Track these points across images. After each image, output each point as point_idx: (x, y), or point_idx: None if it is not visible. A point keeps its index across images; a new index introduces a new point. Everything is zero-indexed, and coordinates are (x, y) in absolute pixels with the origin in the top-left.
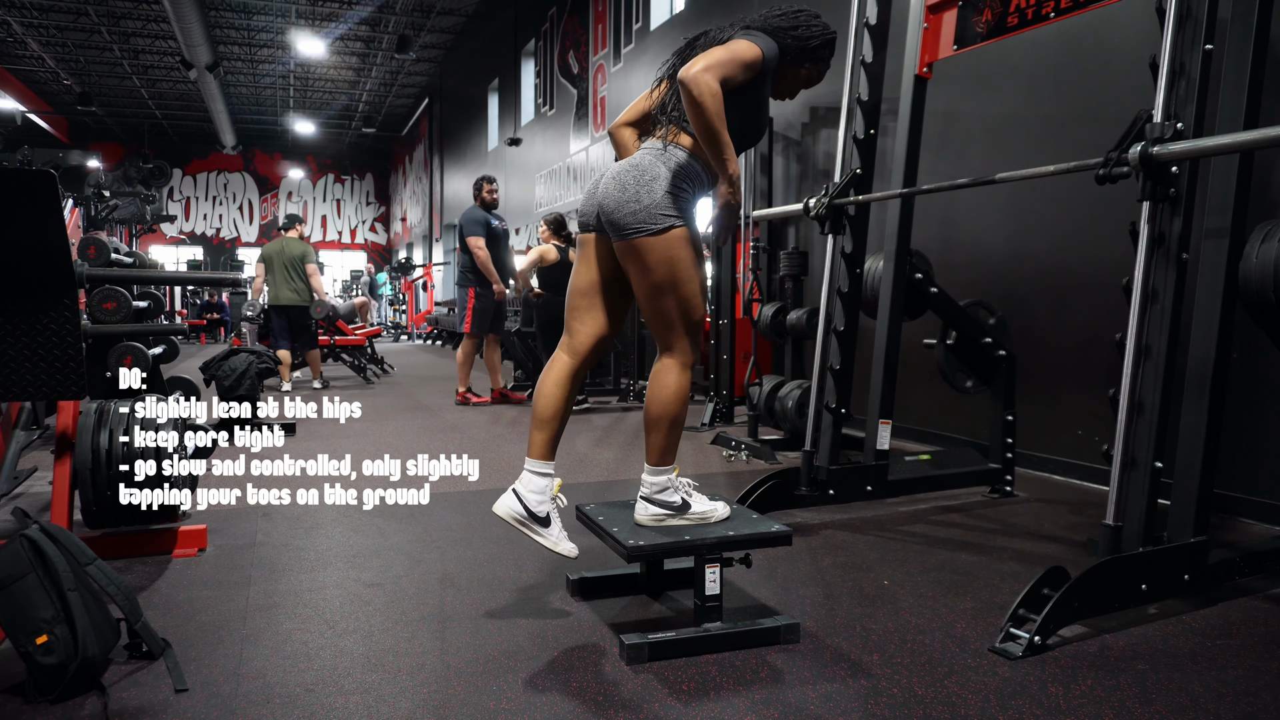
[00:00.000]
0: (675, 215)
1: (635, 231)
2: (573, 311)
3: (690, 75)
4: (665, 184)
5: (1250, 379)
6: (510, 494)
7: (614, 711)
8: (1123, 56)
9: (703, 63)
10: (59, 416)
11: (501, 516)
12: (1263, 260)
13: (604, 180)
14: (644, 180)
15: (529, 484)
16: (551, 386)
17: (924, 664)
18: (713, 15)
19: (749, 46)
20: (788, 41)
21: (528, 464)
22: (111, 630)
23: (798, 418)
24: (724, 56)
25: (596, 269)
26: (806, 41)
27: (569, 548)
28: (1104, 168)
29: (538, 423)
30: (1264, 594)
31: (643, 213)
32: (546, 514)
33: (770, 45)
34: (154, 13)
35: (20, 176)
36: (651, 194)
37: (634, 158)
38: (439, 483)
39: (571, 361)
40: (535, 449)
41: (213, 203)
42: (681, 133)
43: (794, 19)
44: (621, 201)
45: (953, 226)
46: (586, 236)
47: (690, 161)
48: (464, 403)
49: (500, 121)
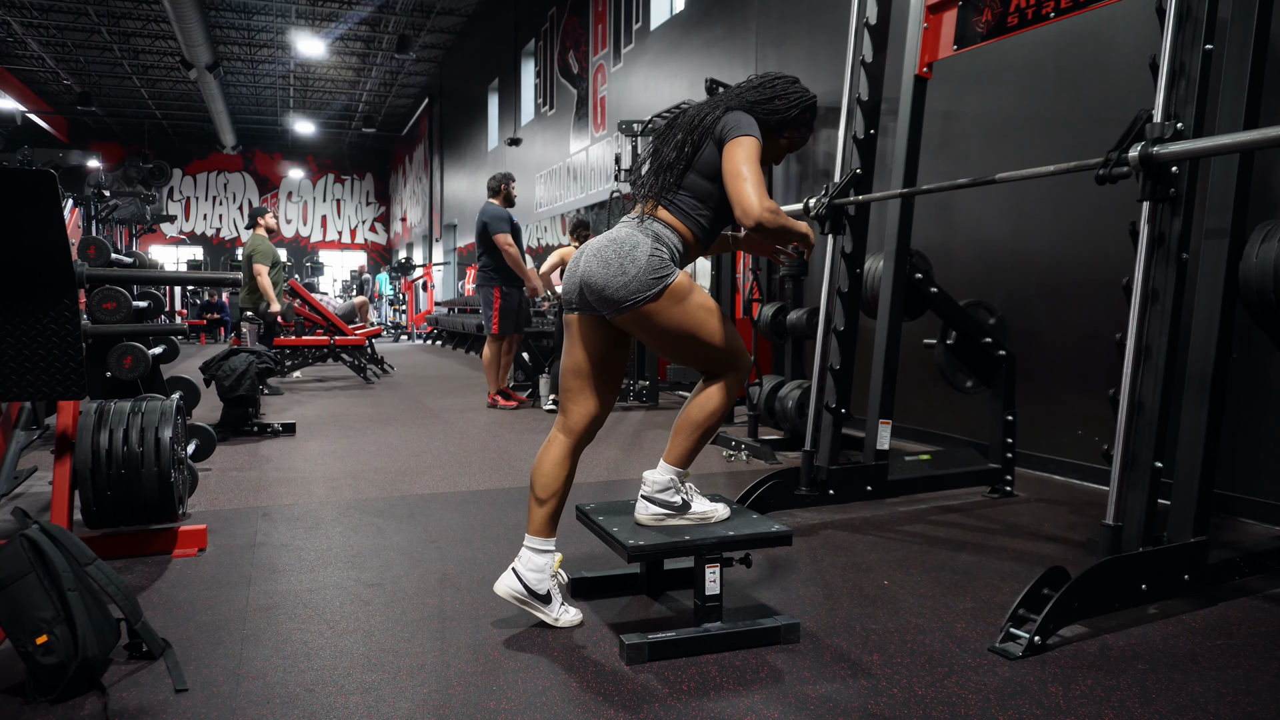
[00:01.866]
0: (665, 274)
1: (634, 302)
2: (566, 393)
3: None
4: (647, 249)
5: (1250, 379)
6: (510, 574)
7: (614, 711)
8: (1123, 56)
9: (753, 197)
10: (59, 416)
11: (502, 596)
12: (1263, 260)
13: (584, 257)
14: (624, 251)
15: (528, 562)
16: (550, 466)
17: (924, 664)
18: (712, 15)
19: (749, 143)
20: (765, 118)
21: (527, 540)
22: (111, 630)
23: (798, 418)
24: (754, 174)
25: (584, 351)
26: (785, 113)
27: (570, 620)
28: (1104, 168)
29: (536, 500)
30: (1264, 594)
31: (633, 283)
32: (547, 591)
33: (754, 124)
34: (154, 13)
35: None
36: (635, 263)
37: (610, 233)
38: (439, 482)
39: (568, 440)
40: (535, 525)
41: (213, 203)
42: (659, 207)
43: (769, 90)
44: (608, 278)
45: (953, 226)
46: (570, 317)
47: (666, 232)
48: (494, 405)
49: (500, 121)
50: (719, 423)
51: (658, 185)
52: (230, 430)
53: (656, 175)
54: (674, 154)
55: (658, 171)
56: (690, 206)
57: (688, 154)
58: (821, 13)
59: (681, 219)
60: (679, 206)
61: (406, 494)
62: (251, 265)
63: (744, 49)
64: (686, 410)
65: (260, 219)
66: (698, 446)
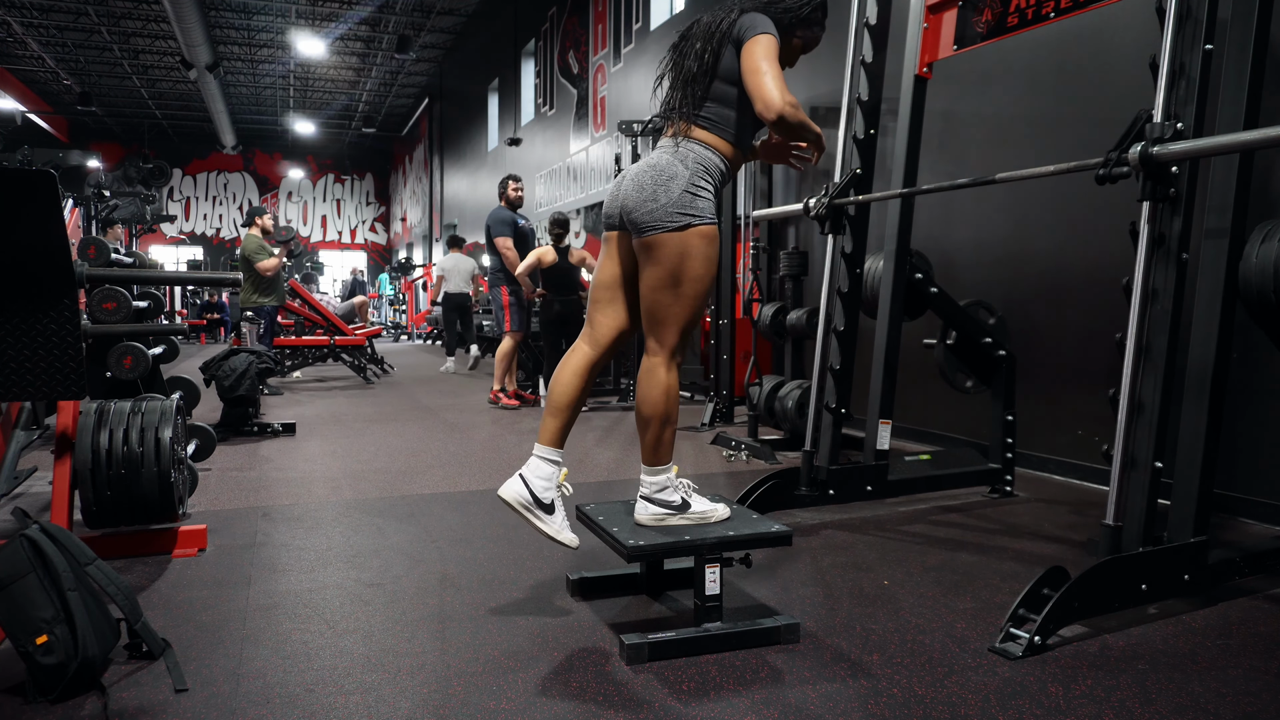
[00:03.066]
0: (693, 214)
1: (653, 228)
2: (595, 304)
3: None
4: (683, 183)
5: (1250, 379)
6: (517, 479)
7: (614, 711)
8: (1123, 56)
9: (774, 91)
10: (59, 416)
11: (506, 500)
12: (1263, 260)
13: (625, 180)
14: (661, 180)
15: (536, 470)
16: (569, 375)
17: (924, 664)
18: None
19: (769, 41)
20: (779, 16)
21: (537, 449)
22: (111, 630)
23: (798, 418)
24: (774, 69)
25: (619, 264)
26: (798, 11)
27: (570, 538)
28: (1104, 168)
29: (552, 409)
30: (1264, 594)
31: (659, 211)
32: (551, 501)
33: (770, 23)
34: (154, 13)
35: (20, 176)
36: (669, 193)
37: (651, 157)
38: (439, 482)
39: (592, 352)
40: (546, 435)
41: (213, 203)
42: (693, 126)
43: None
44: (640, 201)
45: (953, 226)
46: (611, 234)
47: (706, 154)
48: (496, 402)
49: (500, 121)
50: (674, 405)
51: (687, 100)
52: (230, 430)
53: (683, 89)
54: (695, 65)
55: (684, 85)
56: (721, 118)
57: (709, 63)
58: None
59: (717, 133)
60: (711, 119)
61: (406, 494)
62: (253, 266)
63: None
64: (638, 405)
65: (257, 219)
66: (665, 436)
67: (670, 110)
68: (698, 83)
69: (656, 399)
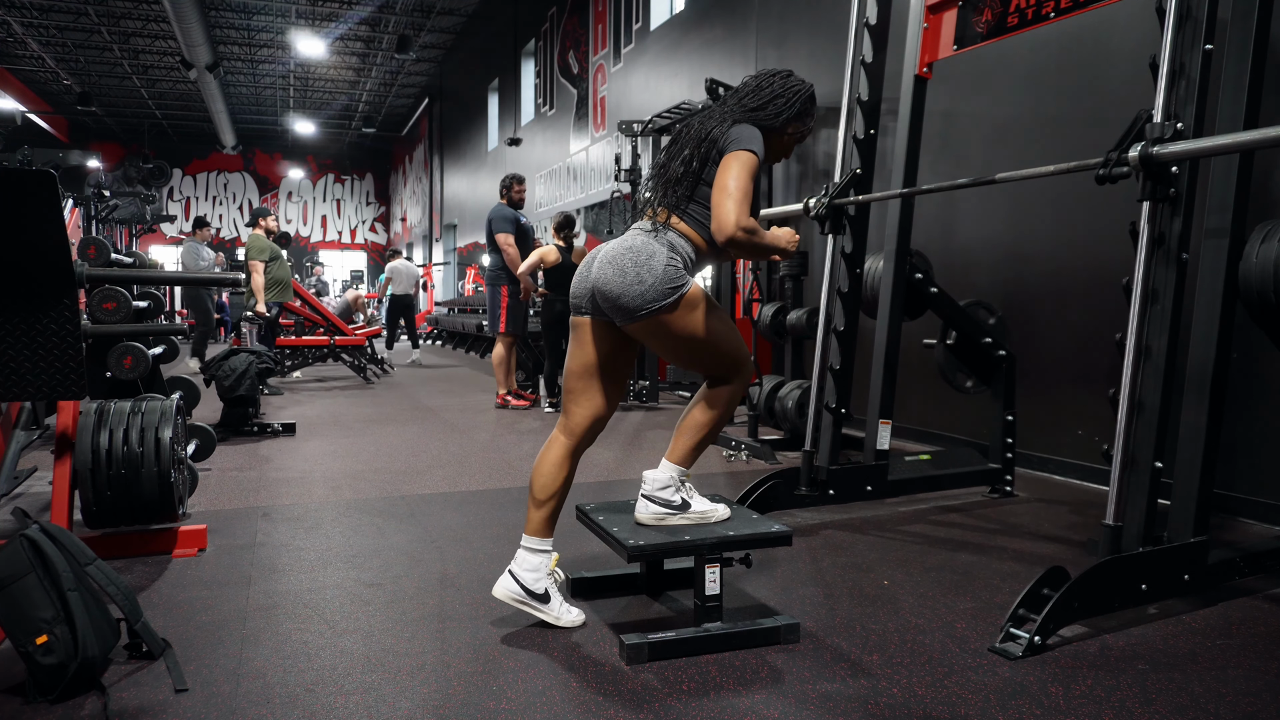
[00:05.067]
0: (679, 284)
1: (649, 311)
2: (569, 394)
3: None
4: (663, 258)
5: (1250, 379)
6: (507, 576)
7: (614, 712)
8: (1123, 56)
9: (732, 214)
10: (59, 416)
11: (500, 599)
12: (1263, 260)
13: (596, 263)
14: (640, 259)
15: (524, 563)
16: (550, 467)
17: (924, 664)
18: (712, 15)
19: (746, 159)
20: (767, 122)
21: (524, 540)
22: (111, 630)
23: (798, 418)
24: (739, 192)
25: (592, 352)
26: (788, 110)
27: (572, 619)
28: (1104, 168)
29: (535, 501)
30: (1264, 594)
31: (650, 292)
32: (544, 590)
33: (758, 140)
34: (154, 13)
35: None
36: (653, 271)
37: (625, 239)
38: (439, 482)
39: (569, 442)
40: (532, 526)
41: (213, 203)
42: (672, 215)
43: (767, 94)
44: (624, 286)
45: (953, 226)
46: (579, 320)
47: (680, 241)
48: (504, 405)
49: (500, 121)
50: (722, 424)
51: (669, 198)
52: (230, 430)
53: (666, 189)
54: (681, 169)
55: (666, 185)
56: (703, 215)
57: (695, 169)
58: (821, 13)
59: (695, 228)
60: (692, 216)
61: (406, 494)
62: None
63: (744, 49)
64: (691, 412)
65: (262, 219)
66: (701, 447)
67: (651, 201)
68: (682, 184)
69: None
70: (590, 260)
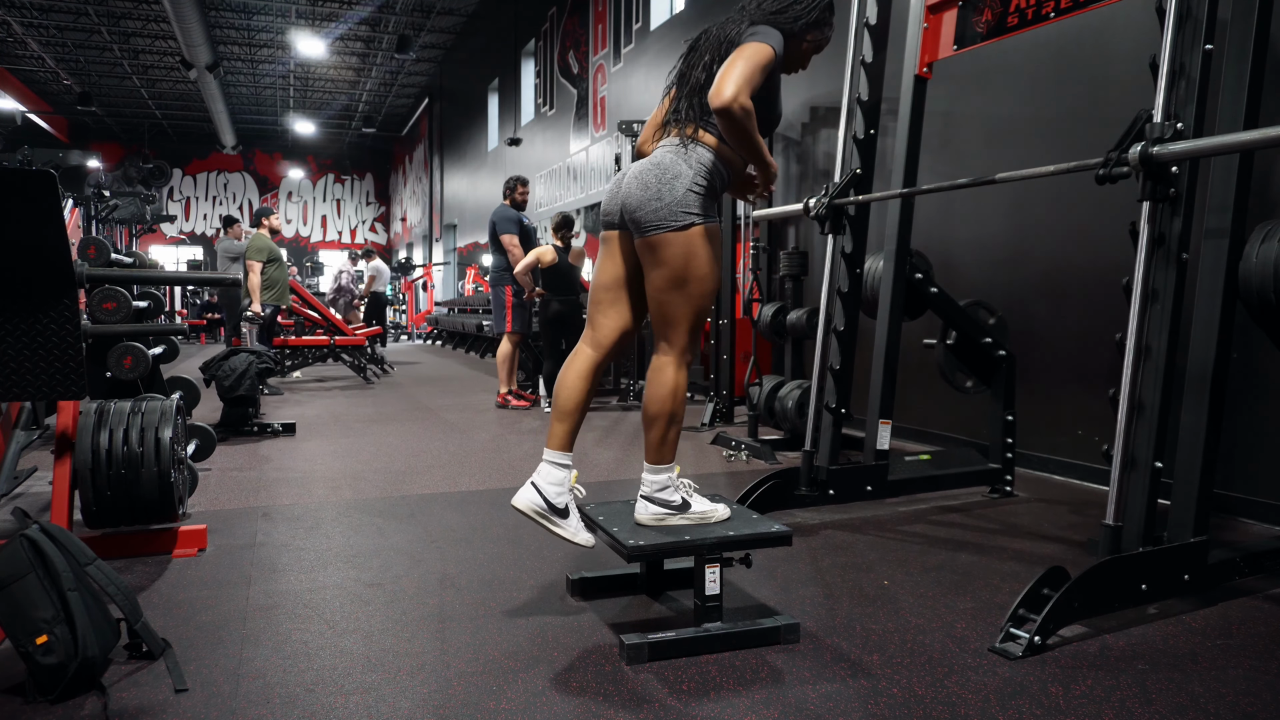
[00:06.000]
0: (697, 213)
1: (656, 228)
2: (596, 305)
3: (725, 101)
4: (687, 181)
5: (1250, 379)
6: (529, 487)
7: (614, 712)
8: (1123, 56)
9: (733, 84)
10: (59, 416)
11: (521, 509)
12: (1263, 260)
13: (626, 179)
14: (665, 178)
15: (547, 476)
16: (574, 379)
17: (924, 664)
18: (712, 15)
19: (761, 49)
20: (787, 25)
21: (546, 455)
22: (111, 630)
23: (798, 418)
24: (747, 70)
25: (621, 264)
26: (807, 16)
27: (586, 538)
28: (1104, 168)
29: (559, 414)
30: (1264, 594)
31: (664, 210)
32: (565, 505)
33: (777, 38)
34: (154, 13)
35: (20, 176)
36: (673, 191)
37: (655, 156)
38: (439, 482)
39: (595, 354)
40: (555, 440)
41: (213, 203)
42: (700, 129)
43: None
44: (644, 200)
45: (953, 226)
46: (610, 233)
47: (711, 158)
48: (504, 405)
49: (500, 121)
50: (681, 406)
51: (693, 108)
52: (230, 430)
53: (689, 99)
54: (704, 75)
55: (690, 95)
56: None
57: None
58: None
59: (721, 139)
60: (716, 126)
61: (406, 494)
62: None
63: None
64: (645, 402)
65: (265, 219)
66: (670, 435)
67: (677, 114)
68: (704, 92)
69: (664, 398)
70: (623, 175)
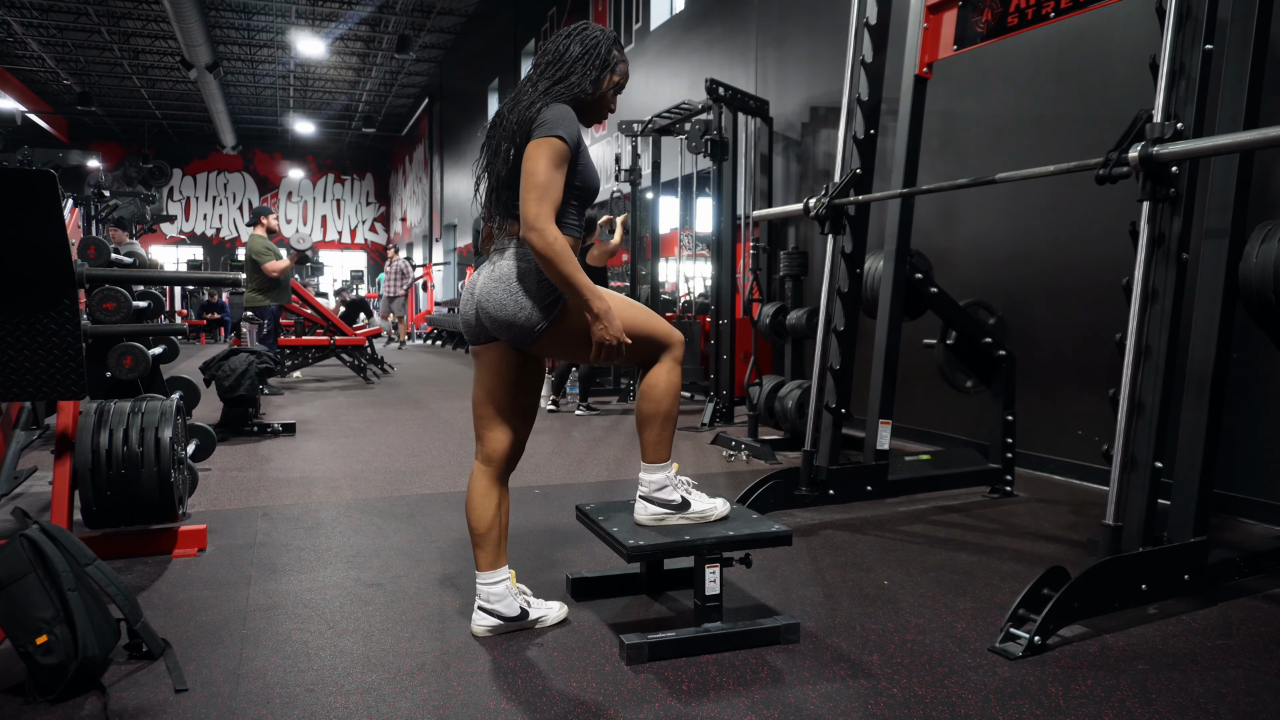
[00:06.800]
0: (555, 295)
1: (538, 332)
2: (480, 420)
3: (530, 236)
4: (533, 278)
5: (1250, 379)
6: (478, 613)
7: (614, 712)
8: (1123, 56)
9: (532, 210)
10: (59, 416)
11: (481, 636)
12: (1263, 260)
13: (477, 299)
14: (511, 290)
15: (489, 595)
16: (479, 499)
17: (924, 664)
18: (712, 15)
19: (550, 147)
20: (576, 88)
21: (479, 577)
22: (111, 630)
23: (798, 418)
24: (541, 184)
25: (496, 378)
26: (591, 70)
27: (557, 615)
28: (1104, 168)
29: (476, 539)
30: (1264, 594)
31: (534, 314)
32: (520, 609)
33: (565, 119)
34: (154, 13)
35: (20, 176)
36: (528, 295)
37: (491, 269)
38: (439, 482)
39: (490, 469)
40: (483, 563)
41: (213, 203)
42: (515, 223)
43: (568, 65)
44: (511, 316)
45: (953, 226)
46: (478, 348)
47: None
48: None
49: None
50: (674, 403)
51: (503, 204)
52: (230, 430)
53: (499, 193)
54: (504, 168)
55: (498, 190)
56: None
57: (515, 163)
58: (821, 13)
59: None
60: None
61: (406, 494)
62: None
63: (744, 49)
64: (639, 401)
65: (263, 218)
66: (665, 433)
67: (489, 216)
68: (512, 186)
69: (659, 397)
70: (470, 293)
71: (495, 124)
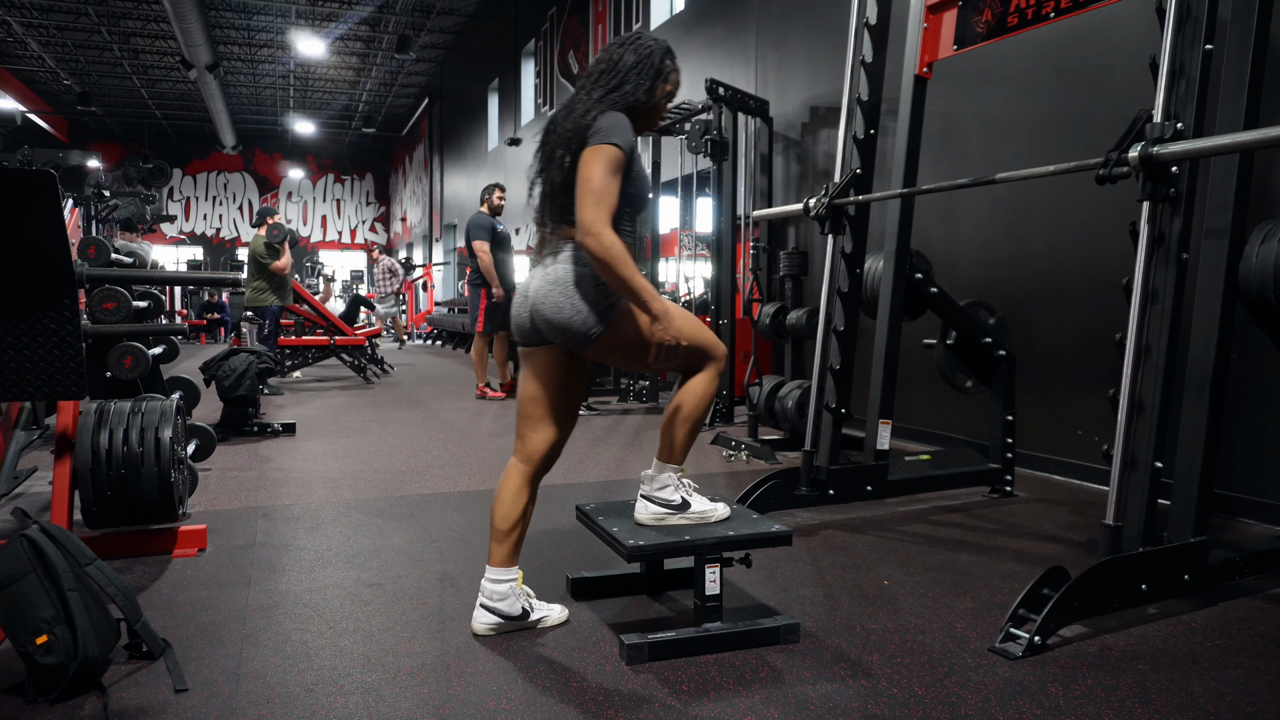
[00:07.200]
0: (611, 300)
1: (593, 337)
2: (524, 419)
3: (586, 240)
4: (589, 283)
5: (1250, 379)
6: (480, 610)
7: (614, 712)
8: (1123, 56)
9: (588, 214)
10: (59, 416)
11: (482, 634)
12: (1263, 260)
13: (531, 302)
14: (568, 293)
15: (492, 593)
16: (510, 495)
17: (924, 664)
18: (712, 15)
19: (606, 154)
20: (630, 97)
21: (489, 572)
22: (111, 630)
23: (798, 418)
24: (597, 189)
25: (542, 380)
26: (645, 79)
27: (558, 617)
28: (1104, 168)
29: (498, 534)
30: (1264, 594)
31: (589, 318)
32: (522, 609)
33: (620, 126)
34: (154, 13)
35: (20, 176)
36: (584, 300)
37: (547, 272)
38: (439, 482)
39: (527, 469)
40: (498, 558)
41: (213, 203)
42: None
43: (622, 74)
44: (566, 320)
45: (953, 226)
46: (527, 349)
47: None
48: (483, 396)
49: (500, 121)
50: (706, 413)
51: (557, 209)
52: (230, 430)
53: (553, 200)
54: (559, 175)
55: (552, 196)
56: None
57: (570, 169)
58: (821, 13)
59: None
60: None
61: (406, 494)
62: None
63: (744, 49)
64: (673, 405)
65: (268, 219)
66: (689, 439)
67: (543, 221)
68: (566, 192)
69: (695, 403)
70: (525, 295)
71: (549, 131)
